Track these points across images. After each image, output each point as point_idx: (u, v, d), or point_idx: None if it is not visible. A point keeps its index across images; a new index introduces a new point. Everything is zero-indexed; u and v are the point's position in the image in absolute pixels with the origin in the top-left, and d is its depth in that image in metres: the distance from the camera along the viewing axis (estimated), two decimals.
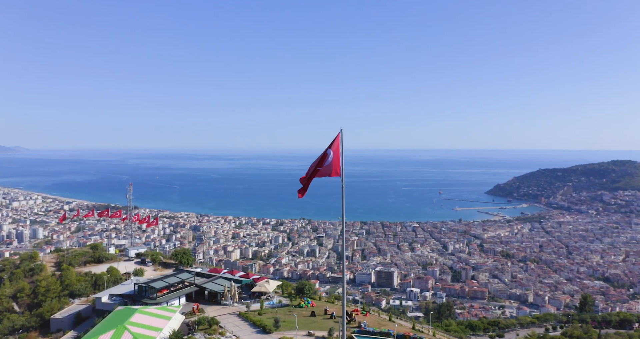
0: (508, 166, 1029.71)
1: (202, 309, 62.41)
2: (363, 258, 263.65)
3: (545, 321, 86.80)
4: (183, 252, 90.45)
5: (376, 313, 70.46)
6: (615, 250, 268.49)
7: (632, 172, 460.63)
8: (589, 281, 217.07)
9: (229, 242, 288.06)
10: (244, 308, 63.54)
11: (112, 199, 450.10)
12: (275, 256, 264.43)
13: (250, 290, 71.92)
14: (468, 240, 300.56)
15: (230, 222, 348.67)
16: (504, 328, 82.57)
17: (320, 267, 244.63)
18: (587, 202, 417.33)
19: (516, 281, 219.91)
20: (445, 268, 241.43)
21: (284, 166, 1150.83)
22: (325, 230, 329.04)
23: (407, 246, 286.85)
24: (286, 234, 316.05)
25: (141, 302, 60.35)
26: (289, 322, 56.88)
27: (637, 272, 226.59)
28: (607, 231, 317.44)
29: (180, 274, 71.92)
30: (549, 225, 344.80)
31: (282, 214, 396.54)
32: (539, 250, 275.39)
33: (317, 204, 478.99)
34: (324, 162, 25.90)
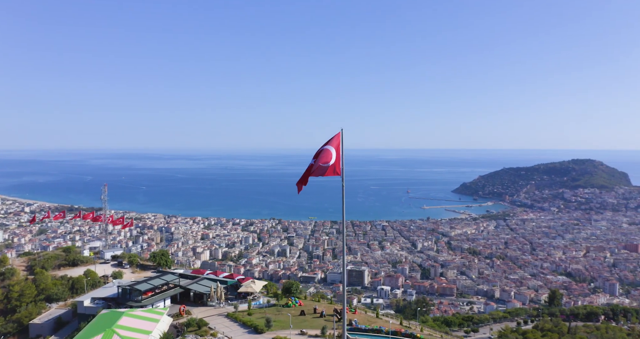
0: (473, 165, 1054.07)
1: (189, 311, 61.97)
2: (334, 257, 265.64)
3: (517, 315, 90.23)
4: (161, 254, 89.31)
5: (363, 311, 71.65)
6: (576, 246, 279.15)
7: (591, 171, 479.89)
8: (552, 276, 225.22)
9: (199, 244, 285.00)
10: (231, 309, 63.32)
11: (75, 200, 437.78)
12: (246, 256, 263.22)
13: (235, 291, 71.70)
14: (436, 238, 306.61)
15: (199, 223, 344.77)
16: (477, 323, 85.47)
17: (292, 267, 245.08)
18: (549, 200, 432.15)
19: (483, 277, 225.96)
20: (415, 265, 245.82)
21: (253, 166, 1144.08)
22: (295, 230, 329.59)
23: (377, 244, 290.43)
24: (256, 235, 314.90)
25: (126, 305, 59.58)
26: (279, 321, 57.13)
27: (597, 267, 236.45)
28: (569, 228, 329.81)
29: (165, 276, 71.11)
30: (514, 222, 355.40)
31: (252, 215, 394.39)
32: (504, 247, 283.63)
33: (288, 204, 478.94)
34: (329, 160, 25.21)
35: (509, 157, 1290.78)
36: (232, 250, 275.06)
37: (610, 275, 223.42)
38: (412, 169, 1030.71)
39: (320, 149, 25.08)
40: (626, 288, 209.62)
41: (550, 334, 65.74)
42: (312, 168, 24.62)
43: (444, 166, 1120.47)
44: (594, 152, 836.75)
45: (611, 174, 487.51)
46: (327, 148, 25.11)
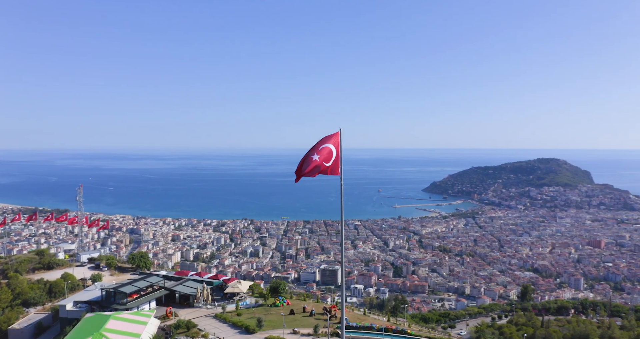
0: (443, 164, 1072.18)
1: (175, 313, 61.45)
2: (307, 257, 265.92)
3: (491, 310, 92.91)
4: (140, 256, 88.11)
5: (350, 309, 72.42)
6: (542, 242, 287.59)
7: (556, 170, 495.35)
8: (520, 272, 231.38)
9: (169, 245, 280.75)
10: (219, 310, 62.96)
11: (39, 202, 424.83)
12: (218, 257, 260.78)
13: (221, 292, 71.42)
14: (408, 236, 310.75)
15: (169, 224, 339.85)
16: (454, 318, 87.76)
17: (265, 267, 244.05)
18: (516, 198, 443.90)
19: (454, 274, 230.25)
20: (387, 263, 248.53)
21: (224, 166, 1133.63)
22: (268, 230, 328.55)
23: (350, 243, 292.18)
24: (228, 235, 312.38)
25: (110, 308, 58.56)
26: (270, 321, 57.30)
27: (562, 262, 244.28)
28: (535, 225, 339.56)
29: (149, 277, 70.10)
30: (482, 220, 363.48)
31: (223, 215, 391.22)
32: (474, 244, 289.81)
33: (260, 204, 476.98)
34: (329, 160, 24.79)
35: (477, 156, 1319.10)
36: (204, 251, 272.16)
37: (575, 270, 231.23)
38: (383, 169, 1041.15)
39: (322, 147, 24.67)
40: (590, 282, 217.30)
41: (524, 328, 68.10)
42: (313, 165, 24.17)
43: (414, 166, 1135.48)
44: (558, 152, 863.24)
45: (575, 173, 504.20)
46: (328, 146, 24.79)
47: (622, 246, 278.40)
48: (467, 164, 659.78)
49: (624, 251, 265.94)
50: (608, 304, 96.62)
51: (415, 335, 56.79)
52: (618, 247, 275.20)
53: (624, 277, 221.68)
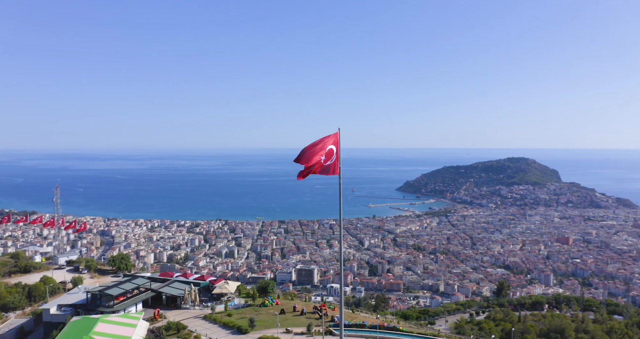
0: (416, 164, 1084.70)
1: (163, 315, 60.63)
2: (283, 257, 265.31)
3: (469, 307, 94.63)
4: (121, 258, 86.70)
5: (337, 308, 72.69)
6: (513, 240, 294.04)
7: (525, 169, 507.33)
8: (492, 269, 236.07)
9: (142, 247, 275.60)
10: (207, 311, 62.57)
11: (5, 204, 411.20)
12: (192, 258, 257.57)
13: (207, 293, 70.99)
14: (382, 235, 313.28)
15: (141, 226, 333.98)
16: (433, 315, 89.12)
17: (240, 268, 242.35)
18: (487, 197, 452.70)
19: (428, 272, 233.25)
20: (363, 262, 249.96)
21: (197, 166, 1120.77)
22: (243, 230, 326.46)
23: (325, 243, 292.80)
24: (202, 236, 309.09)
25: (96, 311, 57.50)
26: (261, 321, 57.22)
27: (532, 259, 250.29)
28: (506, 223, 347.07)
29: (135, 279, 69.09)
30: (455, 218, 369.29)
31: (197, 216, 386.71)
32: (447, 242, 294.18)
33: (234, 205, 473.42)
34: (329, 159, 25.23)
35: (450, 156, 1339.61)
36: (178, 253, 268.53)
37: (544, 267, 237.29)
38: (358, 168, 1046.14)
39: (328, 148, 25.21)
40: (559, 278, 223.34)
41: (503, 323, 69.61)
42: (317, 164, 24.52)
43: (388, 165, 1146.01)
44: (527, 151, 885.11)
45: (543, 172, 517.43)
46: (331, 147, 25.47)
47: (589, 242, 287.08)
48: (439, 164, 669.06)
49: (591, 248, 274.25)
50: (580, 299, 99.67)
51: (407, 332, 57.55)
52: (585, 244, 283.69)
53: (591, 272, 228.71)
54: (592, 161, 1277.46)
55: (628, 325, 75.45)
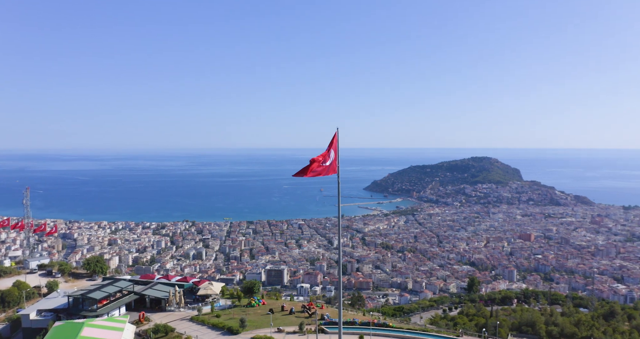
0: (383, 163, 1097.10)
1: (148, 318, 59.37)
2: (252, 258, 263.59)
3: (442, 303, 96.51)
4: (96, 261, 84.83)
5: (319, 306, 73.00)
6: (477, 237, 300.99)
7: (489, 168, 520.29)
8: (458, 266, 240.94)
9: (105, 250, 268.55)
10: (194, 313, 61.80)
11: None
12: (159, 261, 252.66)
13: (191, 294, 70.20)
14: (351, 234, 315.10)
15: (105, 228, 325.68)
16: (408, 312, 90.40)
17: (208, 269, 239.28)
18: (452, 195, 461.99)
19: (396, 270, 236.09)
20: (332, 262, 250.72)
21: (163, 167, 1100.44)
22: (210, 231, 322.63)
23: (295, 243, 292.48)
24: (169, 238, 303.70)
25: (79, 315, 55.91)
26: (250, 321, 57.00)
27: (497, 256, 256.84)
28: (470, 220, 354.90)
29: (117, 282, 67.85)
30: (421, 217, 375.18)
31: (163, 217, 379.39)
32: (414, 240, 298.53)
33: (201, 205, 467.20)
34: (327, 161, 26.40)
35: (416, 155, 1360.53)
36: (144, 255, 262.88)
37: (508, 263, 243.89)
38: None
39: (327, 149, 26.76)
40: (522, 274, 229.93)
41: (476, 318, 71.40)
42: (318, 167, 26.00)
43: (355, 165, 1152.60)
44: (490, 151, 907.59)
45: (505, 171, 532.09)
46: (330, 149, 26.88)
47: (549, 238, 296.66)
48: (406, 163, 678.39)
49: (552, 244, 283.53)
50: (547, 293, 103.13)
51: (397, 327, 58.29)
52: (546, 240, 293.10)
53: (552, 268, 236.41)
54: (551, 160, 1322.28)
55: (594, 317, 78.67)
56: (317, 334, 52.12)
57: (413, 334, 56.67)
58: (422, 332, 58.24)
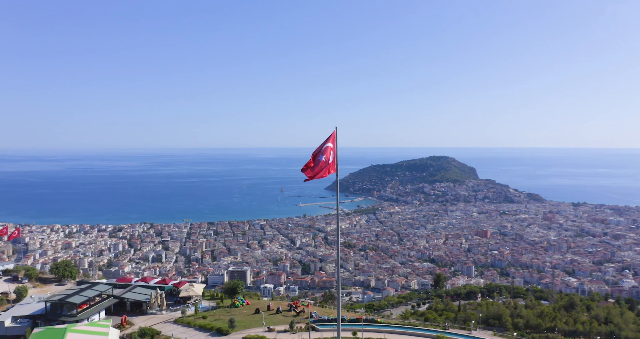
0: (343, 163, 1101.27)
1: (130, 321, 58.00)
2: (213, 259, 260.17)
3: (410, 299, 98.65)
4: (65, 265, 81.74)
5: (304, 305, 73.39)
6: (437, 234, 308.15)
7: (446, 167, 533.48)
8: (419, 263, 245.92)
9: (60, 254, 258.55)
10: (177, 315, 60.86)
11: None
12: (116, 264, 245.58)
13: (171, 296, 69.00)
14: (313, 234, 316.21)
15: (58, 232, 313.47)
16: (378, 309, 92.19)
17: (169, 272, 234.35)
18: (411, 194, 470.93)
19: (359, 268, 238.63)
20: (295, 261, 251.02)
21: (118, 167, 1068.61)
22: (170, 233, 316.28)
23: (257, 243, 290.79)
24: (127, 241, 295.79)
25: (58, 321, 53.99)
26: (238, 322, 56.46)
27: (455, 252, 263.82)
28: (429, 218, 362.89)
29: (96, 286, 65.60)
30: (382, 215, 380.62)
31: (120, 219, 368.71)
32: (376, 239, 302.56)
33: (159, 207, 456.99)
34: (329, 159, 26.51)
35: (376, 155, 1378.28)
36: (100, 259, 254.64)
37: (466, 259, 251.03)
38: (286, 168, 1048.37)
39: (325, 146, 26.55)
40: (480, 269, 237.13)
41: (445, 313, 73.44)
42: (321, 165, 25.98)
43: None
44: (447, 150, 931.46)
45: (462, 170, 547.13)
46: (329, 146, 26.87)
47: (505, 235, 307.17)
48: (366, 163, 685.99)
49: (507, 240, 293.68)
50: (510, 287, 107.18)
51: (385, 323, 59.44)
52: (502, 236, 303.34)
53: (508, 263, 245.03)
54: (505, 159, 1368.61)
55: (556, 309, 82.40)
56: (310, 332, 52.52)
57: (402, 328, 58.04)
58: (410, 326, 59.66)
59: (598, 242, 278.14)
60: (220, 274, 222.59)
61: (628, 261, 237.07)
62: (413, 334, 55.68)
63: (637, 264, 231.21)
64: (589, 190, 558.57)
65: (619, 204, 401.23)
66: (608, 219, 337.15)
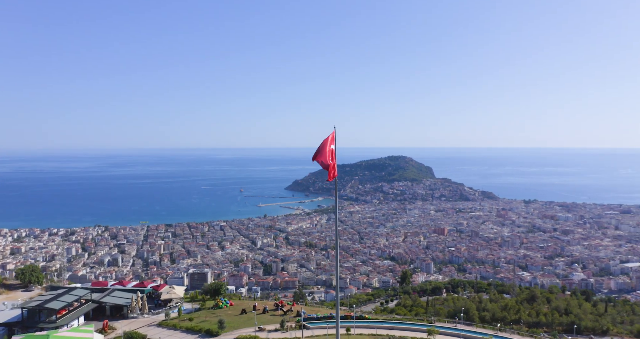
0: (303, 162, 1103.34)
1: (112, 326, 56.29)
2: (172, 262, 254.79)
3: (378, 296, 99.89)
4: (31, 270, 78.14)
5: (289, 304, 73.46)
6: (396, 233, 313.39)
7: (404, 166, 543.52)
8: (379, 261, 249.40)
9: (8, 260, 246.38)
10: (160, 318, 59.41)
11: None
12: (70, 269, 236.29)
13: (154, 299, 67.59)
14: (274, 234, 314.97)
15: (5, 236, 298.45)
16: (348, 307, 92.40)
17: (126, 276, 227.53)
18: (371, 193, 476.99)
19: (321, 268, 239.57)
20: (257, 262, 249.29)
21: (69, 169, 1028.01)
22: (126, 236, 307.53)
23: (217, 245, 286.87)
24: (80, 244, 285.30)
25: (36, 328, 51.84)
26: (226, 322, 55.41)
27: (414, 250, 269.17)
28: (389, 217, 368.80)
29: (73, 291, 63.47)
30: (342, 215, 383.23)
31: (72, 223, 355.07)
32: None
33: (114, 209, 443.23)
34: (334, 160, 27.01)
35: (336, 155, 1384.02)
36: (52, 264, 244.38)
37: (425, 256, 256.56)
38: (245, 168, 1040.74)
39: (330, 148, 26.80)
40: (438, 266, 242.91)
41: (415, 308, 74.95)
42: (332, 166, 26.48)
43: (275, 165, 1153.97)
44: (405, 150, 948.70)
45: (419, 169, 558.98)
46: (332, 148, 27.28)
47: (461, 232, 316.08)
48: None
49: (463, 237, 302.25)
50: (473, 282, 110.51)
51: (373, 319, 60.08)
52: (458, 234, 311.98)
53: (465, 259, 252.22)
54: (460, 158, 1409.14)
55: (518, 301, 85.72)
56: (303, 330, 52.49)
57: (391, 324, 58.95)
58: (398, 322, 60.67)
59: (548, 238, 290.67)
60: (180, 277, 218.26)
61: (577, 255, 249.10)
62: (403, 329, 56.64)
63: (585, 258, 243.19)
64: (539, 188, 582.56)
65: (567, 201, 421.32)
66: (557, 216, 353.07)
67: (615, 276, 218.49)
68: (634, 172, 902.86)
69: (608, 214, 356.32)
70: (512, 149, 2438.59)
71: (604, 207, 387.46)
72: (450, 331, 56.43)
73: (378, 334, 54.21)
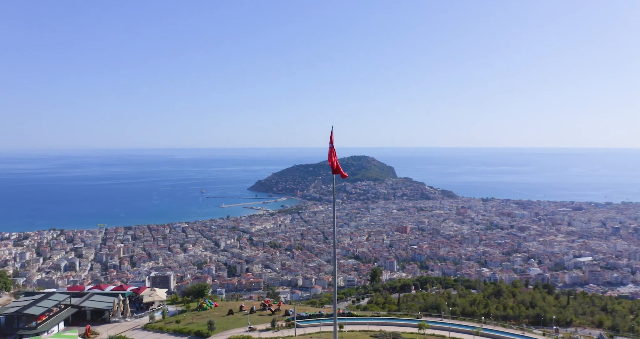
0: (266, 163, 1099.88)
1: (94, 331, 54.52)
2: (133, 265, 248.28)
3: (350, 295, 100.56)
4: None
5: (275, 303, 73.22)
6: (360, 232, 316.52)
7: (367, 166, 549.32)
8: (344, 260, 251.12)
9: None
10: (143, 321, 58.21)
11: None
12: (24, 275, 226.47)
13: (136, 302, 66.24)
14: (238, 235, 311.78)
15: None
16: (320, 305, 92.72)
17: (84, 281, 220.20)
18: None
19: (286, 268, 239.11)
20: (221, 264, 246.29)
21: (19, 170, 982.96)
22: (83, 240, 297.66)
23: (179, 247, 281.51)
24: (34, 249, 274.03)
25: (16, 335, 50.27)
26: (215, 324, 54.81)
27: (378, 248, 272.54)
28: (352, 216, 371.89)
29: (52, 295, 61.08)
30: (306, 215, 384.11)
31: (25, 226, 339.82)
32: (301, 238, 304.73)
33: (69, 212, 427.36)
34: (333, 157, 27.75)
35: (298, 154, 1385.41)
36: (5, 270, 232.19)
37: (389, 254, 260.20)
38: (206, 169, 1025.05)
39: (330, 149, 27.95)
40: (402, 263, 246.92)
41: (388, 305, 75.91)
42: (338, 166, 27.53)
43: (237, 165, 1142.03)
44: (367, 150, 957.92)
45: (381, 169, 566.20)
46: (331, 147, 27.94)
47: (423, 230, 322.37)
48: (289, 163, 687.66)
49: (425, 235, 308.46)
50: (441, 279, 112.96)
51: (361, 315, 61.24)
52: (420, 232, 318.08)
53: (427, 256, 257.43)
54: (420, 158, 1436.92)
55: (485, 296, 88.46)
56: (295, 328, 52.49)
57: (380, 320, 59.91)
58: (386, 317, 62.00)
59: (506, 235, 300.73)
60: (141, 280, 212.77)
61: (533, 251, 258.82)
62: (393, 325, 57.58)
63: (540, 253, 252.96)
64: (496, 186, 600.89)
65: (523, 199, 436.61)
66: (514, 213, 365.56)
67: (569, 270, 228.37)
68: (583, 171, 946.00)
69: (561, 211, 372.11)
70: (469, 149, 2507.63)
71: (557, 205, 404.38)
72: (439, 325, 57.89)
73: (370, 329, 54.99)
